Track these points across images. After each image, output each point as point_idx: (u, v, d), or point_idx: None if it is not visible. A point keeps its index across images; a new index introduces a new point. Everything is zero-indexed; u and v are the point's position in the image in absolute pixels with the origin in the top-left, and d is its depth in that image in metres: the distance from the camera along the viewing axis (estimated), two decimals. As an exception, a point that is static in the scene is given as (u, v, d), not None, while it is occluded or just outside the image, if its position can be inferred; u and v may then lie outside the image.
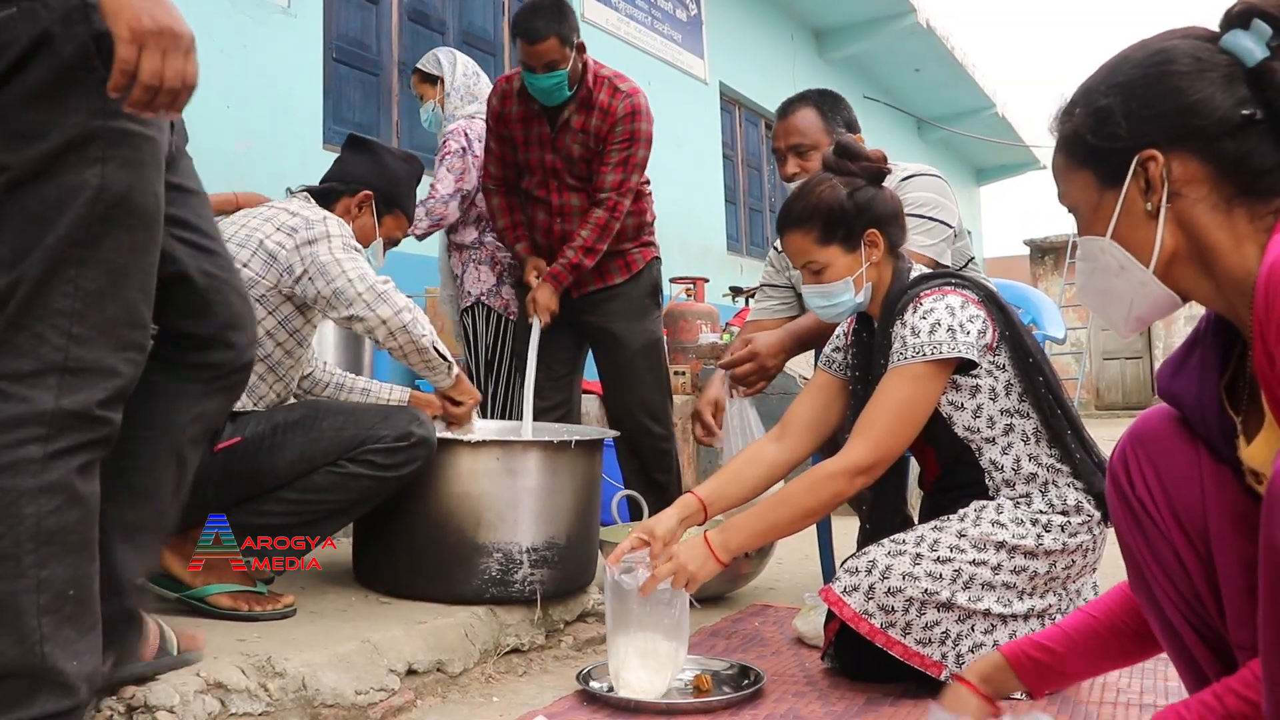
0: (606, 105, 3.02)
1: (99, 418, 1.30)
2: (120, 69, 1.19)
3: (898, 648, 1.85)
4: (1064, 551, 1.87)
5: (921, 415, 1.90)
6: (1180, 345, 1.27)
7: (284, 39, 4.92)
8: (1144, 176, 1.11)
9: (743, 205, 9.72)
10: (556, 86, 2.96)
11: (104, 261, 1.29)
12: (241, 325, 1.59)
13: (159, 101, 1.23)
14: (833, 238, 2.02)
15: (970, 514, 1.92)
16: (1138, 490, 1.30)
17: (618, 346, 3.18)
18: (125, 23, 1.18)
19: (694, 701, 1.86)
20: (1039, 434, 1.93)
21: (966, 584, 1.85)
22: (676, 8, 8.50)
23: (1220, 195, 1.09)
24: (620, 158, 3.03)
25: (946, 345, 1.87)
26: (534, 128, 3.09)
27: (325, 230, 2.16)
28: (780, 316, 2.87)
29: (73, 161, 1.26)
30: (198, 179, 1.61)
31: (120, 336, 1.32)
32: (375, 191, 2.44)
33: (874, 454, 1.87)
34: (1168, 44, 1.14)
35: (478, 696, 1.96)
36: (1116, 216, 1.14)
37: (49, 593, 1.25)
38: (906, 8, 10.55)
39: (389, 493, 2.13)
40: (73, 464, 1.27)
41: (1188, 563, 1.26)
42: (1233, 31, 1.10)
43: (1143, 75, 1.12)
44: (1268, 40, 1.07)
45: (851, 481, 1.87)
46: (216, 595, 1.97)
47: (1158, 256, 1.12)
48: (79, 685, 1.29)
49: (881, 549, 1.91)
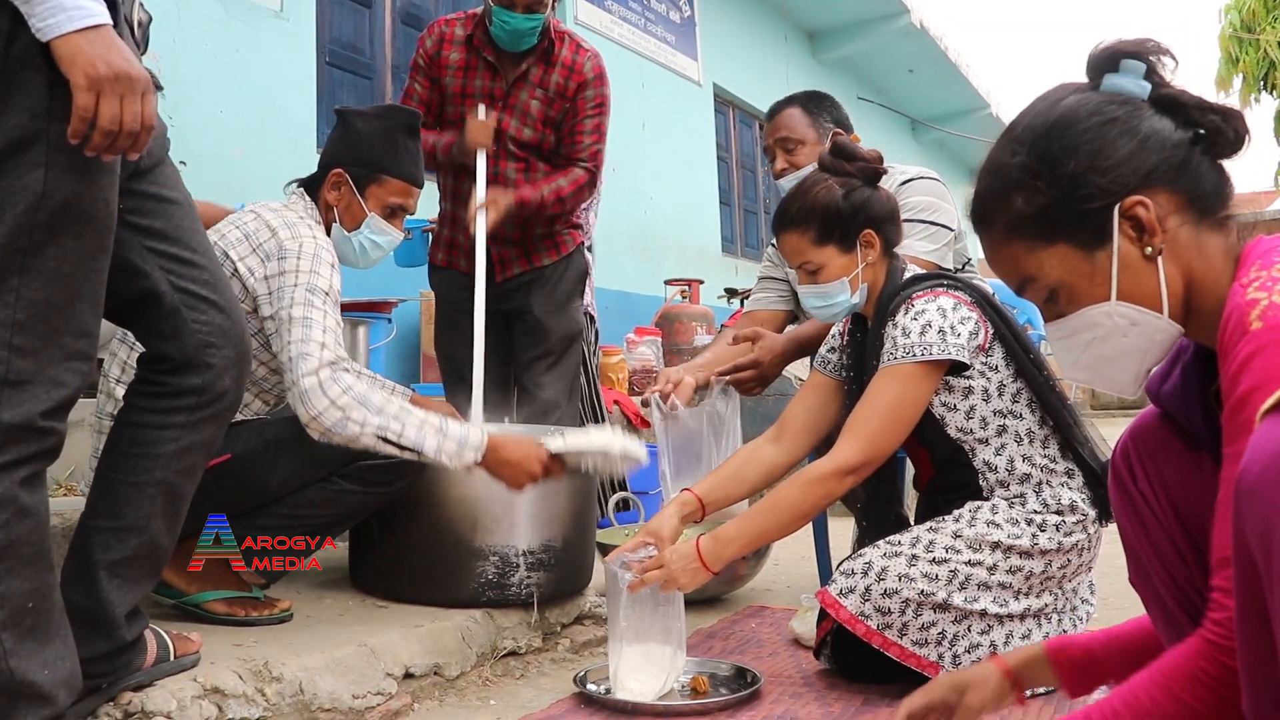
0: (571, 62, 2.88)
1: (43, 428, 1.27)
2: (79, 116, 1.20)
3: (894, 649, 1.86)
4: (1059, 551, 1.88)
5: (911, 415, 1.90)
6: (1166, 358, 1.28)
7: (277, 43, 4.92)
8: (1128, 225, 1.10)
9: (737, 207, 9.73)
10: (531, 31, 2.78)
11: (48, 270, 1.26)
12: (220, 343, 1.53)
13: (118, 145, 1.23)
14: (829, 238, 2.03)
15: (965, 514, 1.92)
16: (1139, 484, 1.31)
17: (540, 333, 2.98)
18: (81, 70, 1.19)
19: (691, 704, 1.86)
20: (1032, 434, 1.93)
21: (962, 584, 1.85)
22: (670, 9, 8.51)
23: (1189, 221, 1.12)
24: (595, 123, 2.92)
25: (937, 347, 1.87)
26: (475, 79, 2.88)
27: (295, 265, 1.98)
28: (776, 308, 2.88)
29: (12, 166, 1.23)
30: (182, 188, 1.58)
31: (65, 346, 1.29)
32: (344, 165, 2.21)
33: (863, 454, 1.87)
34: (1077, 101, 1.15)
35: (475, 700, 1.96)
36: (1116, 274, 1.11)
37: (8, 607, 1.24)
38: (900, 9, 10.57)
39: (380, 507, 2.13)
40: (16, 476, 1.25)
41: (1187, 556, 1.28)
42: (1108, 77, 1.14)
43: (1083, 131, 1.12)
44: (1143, 75, 1.12)
45: (841, 481, 1.87)
46: (212, 602, 1.96)
47: (1168, 300, 1.11)
48: (55, 693, 1.29)
49: (877, 550, 1.91)
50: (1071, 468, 1.94)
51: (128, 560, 1.49)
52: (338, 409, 1.83)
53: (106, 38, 1.21)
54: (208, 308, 1.53)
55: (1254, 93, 10.48)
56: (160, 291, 1.49)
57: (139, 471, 1.50)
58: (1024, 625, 1.87)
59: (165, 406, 1.52)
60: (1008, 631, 1.86)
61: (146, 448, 1.51)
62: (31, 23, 1.19)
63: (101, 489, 1.52)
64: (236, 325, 1.58)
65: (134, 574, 1.51)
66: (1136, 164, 1.10)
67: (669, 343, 6.02)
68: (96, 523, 1.50)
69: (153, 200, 1.50)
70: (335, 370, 1.86)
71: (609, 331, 5.79)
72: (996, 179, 1.17)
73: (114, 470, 1.52)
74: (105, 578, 1.47)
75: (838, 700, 1.89)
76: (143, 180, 1.49)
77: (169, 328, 1.51)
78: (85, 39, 1.19)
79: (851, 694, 1.92)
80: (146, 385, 1.54)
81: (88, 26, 1.19)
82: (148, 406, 1.53)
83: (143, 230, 1.48)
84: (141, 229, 1.48)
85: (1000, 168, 1.17)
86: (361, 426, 1.83)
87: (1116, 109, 1.12)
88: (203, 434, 1.55)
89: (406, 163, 2.26)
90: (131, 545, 1.49)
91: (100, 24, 1.21)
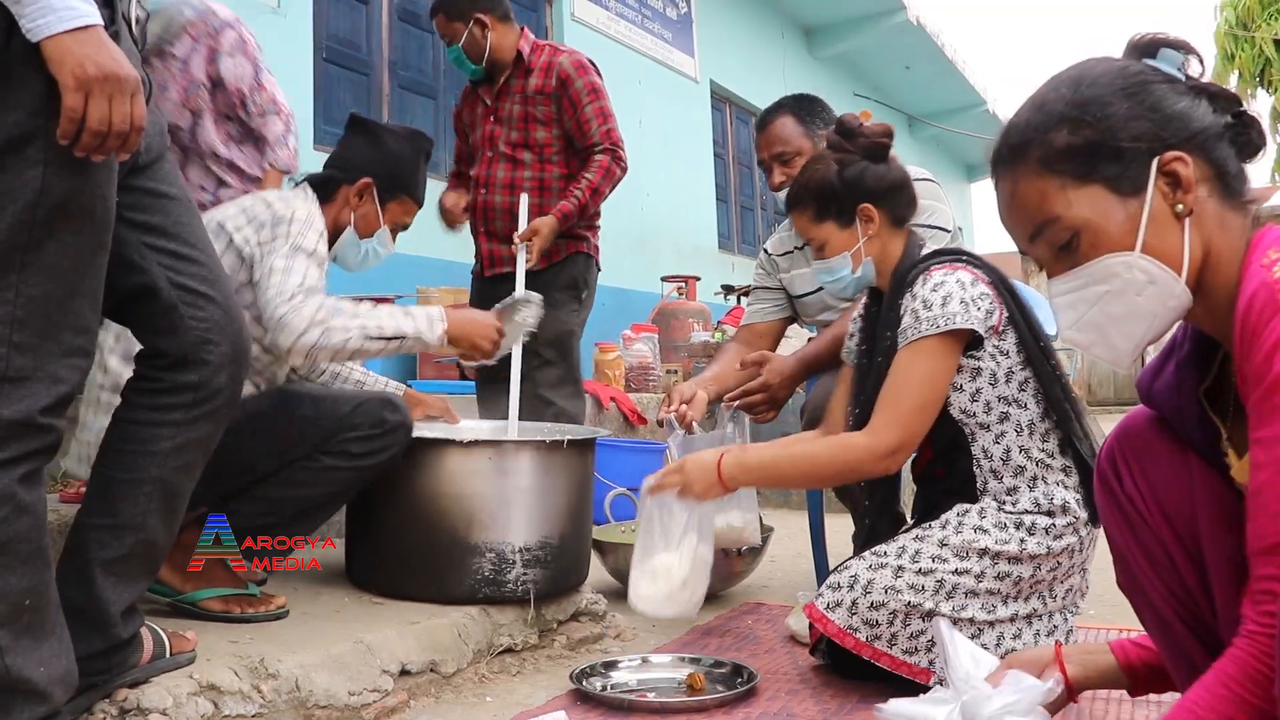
0: (546, 65, 3.12)
1: (42, 425, 1.27)
2: (68, 117, 1.20)
3: (885, 659, 1.86)
4: (1049, 555, 1.85)
5: (942, 392, 1.88)
6: (1158, 353, 1.27)
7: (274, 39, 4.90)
8: (1164, 181, 1.10)
9: (734, 203, 9.73)
10: (459, 60, 3.14)
11: (47, 267, 1.26)
12: (217, 339, 1.53)
13: (108, 145, 1.24)
14: (826, 215, 2.07)
15: (952, 520, 1.91)
16: (1126, 488, 1.31)
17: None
18: (70, 71, 1.19)
19: (687, 700, 1.86)
20: (1033, 426, 1.91)
21: (949, 594, 1.84)
22: (667, 6, 8.50)
23: (1217, 194, 1.12)
24: (595, 109, 3.10)
25: (960, 316, 1.84)
26: (476, 107, 3.26)
27: (286, 231, 2.06)
28: (773, 319, 2.86)
29: (11, 162, 1.23)
30: (180, 184, 1.58)
31: (65, 343, 1.29)
32: (375, 179, 2.31)
33: (900, 437, 1.84)
34: (1126, 62, 1.17)
35: (471, 697, 1.96)
36: (1145, 225, 1.10)
37: (5, 604, 1.24)
38: (896, 5, 10.57)
39: (367, 481, 2.13)
40: (15, 473, 1.25)
41: (1177, 559, 1.27)
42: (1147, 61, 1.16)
43: (1129, 84, 1.13)
44: (1178, 65, 1.14)
45: (878, 463, 1.86)
46: (208, 600, 1.96)
47: (1188, 264, 1.10)
48: (51, 690, 1.29)
49: (863, 563, 1.91)
50: (1069, 465, 1.91)
51: (124, 558, 1.49)
52: (318, 325, 1.96)
53: (96, 38, 1.21)
54: (206, 303, 1.53)
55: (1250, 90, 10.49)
56: (158, 287, 1.49)
57: (135, 469, 1.50)
58: (1013, 628, 1.86)
59: (162, 403, 1.52)
60: (998, 634, 1.85)
61: (143, 445, 1.51)
62: (22, 24, 1.19)
63: (98, 486, 1.52)
64: (234, 322, 1.57)
65: (130, 571, 1.51)
66: (1184, 122, 1.11)
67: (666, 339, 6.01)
68: (92, 520, 1.50)
69: (151, 196, 1.49)
70: (309, 294, 1.99)
71: (606, 328, 5.79)
72: (1040, 111, 1.16)
73: (110, 467, 1.52)
74: (101, 575, 1.47)
75: (834, 697, 1.89)
76: (141, 176, 1.49)
77: (166, 323, 1.51)
78: (74, 39, 1.19)
79: (847, 691, 1.92)
80: (143, 382, 1.54)
81: (77, 27, 1.20)
82: (144, 403, 1.53)
83: (140, 226, 1.48)
84: (139, 225, 1.48)
85: (1047, 101, 1.16)
86: (346, 332, 1.98)
87: (1161, 78, 1.14)
88: (199, 431, 1.55)
89: (422, 188, 2.44)
90: (128, 543, 1.49)
91: (89, 24, 1.21)
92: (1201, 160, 1.11)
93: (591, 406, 4.60)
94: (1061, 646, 1.49)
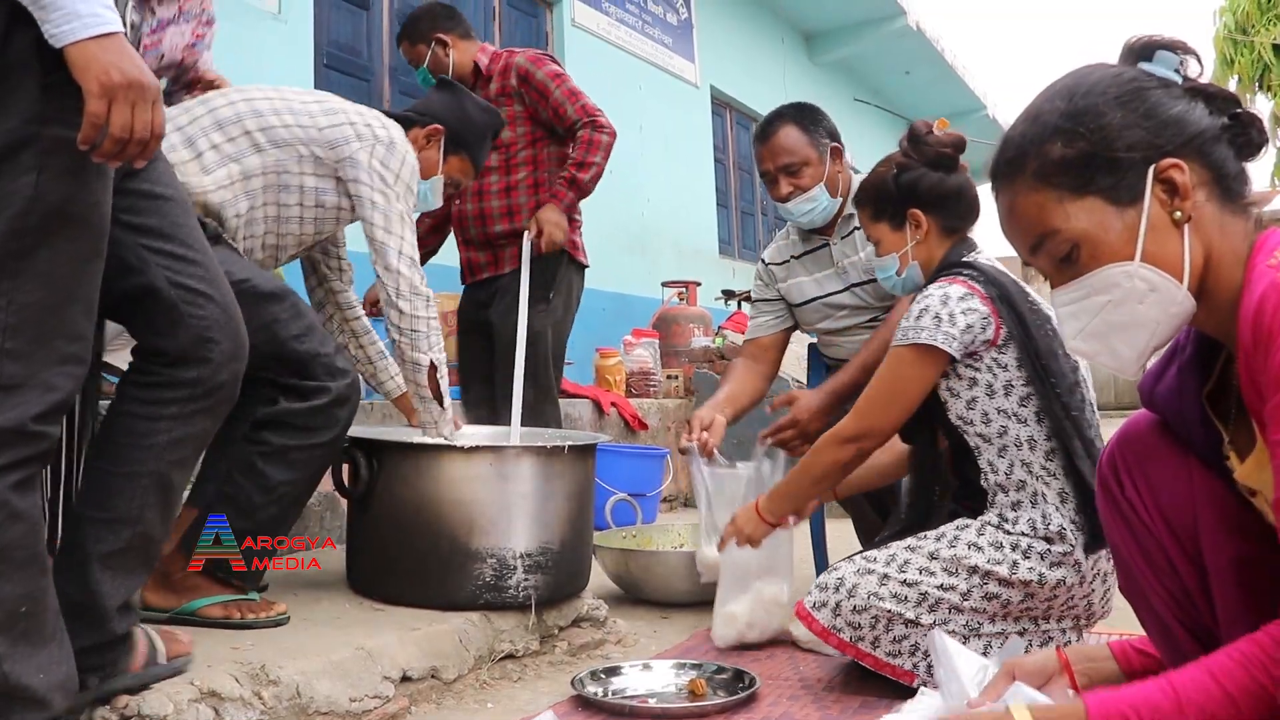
0: (504, 68, 3.25)
1: (35, 433, 1.27)
2: (90, 123, 1.21)
3: (869, 659, 1.90)
4: (1042, 585, 1.83)
5: (905, 395, 1.95)
6: (1160, 357, 1.27)
7: (274, 45, 4.91)
8: (1161, 188, 1.10)
9: (734, 208, 9.72)
10: (424, 80, 3.29)
11: (40, 274, 1.26)
12: (218, 338, 1.54)
13: (128, 151, 1.24)
14: (881, 215, 2.16)
15: (948, 533, 1.91)
16: (1126, 492, 1.30)
17: (494, 337, 3.17)
18: (94, 77, 1.19)
19: (689, 706, 1.86)
20: (1034, 442, 1.90)
21: (932, 607, 1.86)
22: (667, 12, 8.51)
23: (1215, 198, 1.11)
24: (563, 91, 3.19)
25: (926, 332, 1.90)
26: None
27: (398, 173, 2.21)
28: (776, 331, 2.86)
29: (4, 170, 1.23)
30: (175, 184, 1.58)
31: (58, 350, 1.29)
32: (447, 127, 2.46)
33: (857, 425, 1.99)
34: (1119, 69, 1.16)
35: (472, 703, 1.96)
36: (1144, 234, 1.10)
37: (1, 612, 1.24)
38: (896, 10, 10.57)
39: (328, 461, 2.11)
40: (8, 480, 1.25)
41: (1177, 563, 1.27)
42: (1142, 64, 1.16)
43: (1130, 91, 1.13)
44: (1175, 67, 1.14)
45: (842, 447, 2.01)
46: (206, 608, 1.95)
47: (1189, 270, 1.10)
48: (51, 697, 1.29)
49: (852, 566, 1.94)
50: (1066, 490, 1.88)
51: (120, 552, 1.49)
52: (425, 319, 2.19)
53: (119, 45, 1.22)
54: (205, 302, 1.54)
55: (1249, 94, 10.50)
56: (157, 287, 1.50)
57: (131, 462, 1.50)
58: (1000, 639, 1.86)
59: (160, 398, 1.53)
60: (986, 643, 1.85)
61: (139, 438, 1.51)
62: (45, 29, 1.20)
63: (93, 480, 1.52)
64: (233, 319, 1.58)
65: (127, 565, 1.51)
66: (1179, 128, 1.11)
67: (666, 344, 6.00)
68: (88, 514, 1.50)
69: (146, 198, 1.50)
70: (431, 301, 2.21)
71: (606, 333, 5.79)
72: (1035, 124, 1.16)
73: (106, 461, 1.52)
74: (97, 569, 1.47)
75: (835, 703, 1.89)
76: (135, 179, 1.49)
77: (166, 323, 1.52)
78: (99, 46, 1.20)
79: (849, 696, 1.92)
80: (141, 376, 1.54)
81: (102, 34, 1.20)
82: (142, 397, 1.53)
83: (137, 228, 1.48)
84: (135, 227, 1.48)
85: (1041, 114, 1.16)
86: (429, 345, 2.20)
87: (1156, 83, 1.14)
88: (196, 426, 1.56)
89: (483, 157, 2.63)
90: (124, 537, 1.50)
91: (113, 32, 1.21)
92: (1199, 164, 1.11)
93: (591, 412, 4.59)
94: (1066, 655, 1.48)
